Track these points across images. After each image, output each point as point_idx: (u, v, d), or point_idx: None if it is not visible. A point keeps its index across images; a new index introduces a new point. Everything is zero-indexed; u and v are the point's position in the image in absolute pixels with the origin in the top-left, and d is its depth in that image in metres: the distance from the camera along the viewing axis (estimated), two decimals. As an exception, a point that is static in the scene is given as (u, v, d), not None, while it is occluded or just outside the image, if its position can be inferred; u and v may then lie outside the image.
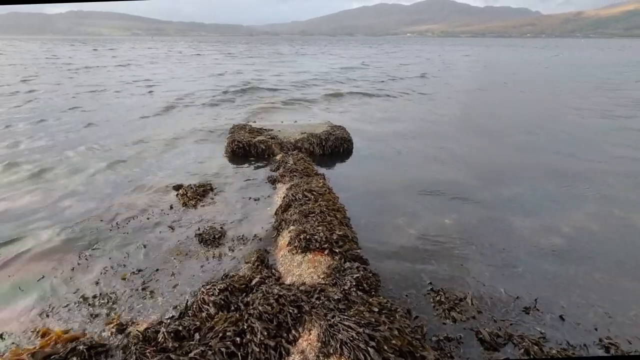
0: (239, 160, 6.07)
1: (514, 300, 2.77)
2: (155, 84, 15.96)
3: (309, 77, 18.98)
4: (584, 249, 3.50)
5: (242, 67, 24.69)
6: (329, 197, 3.97)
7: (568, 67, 27.98)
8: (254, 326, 2.25)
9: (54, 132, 7.80)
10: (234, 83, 16.15)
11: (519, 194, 4.75)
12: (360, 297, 2.46)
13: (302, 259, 3.00)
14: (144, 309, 2.72)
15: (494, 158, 6.39)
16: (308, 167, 5.14)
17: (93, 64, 25.30)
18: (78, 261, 3.33)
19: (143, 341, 2.24)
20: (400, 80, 18.28)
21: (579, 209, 4.34)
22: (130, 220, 4.06)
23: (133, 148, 6.72)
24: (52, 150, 6.56)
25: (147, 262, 3.29)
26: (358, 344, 2.01)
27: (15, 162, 5.88)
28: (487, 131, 8.35)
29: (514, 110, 10.84)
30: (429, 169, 5.76)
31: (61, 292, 2.93)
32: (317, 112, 10.34)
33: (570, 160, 6.17)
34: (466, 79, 19.93)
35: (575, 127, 8.61)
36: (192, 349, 2.13)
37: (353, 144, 6.61)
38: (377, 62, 30.29)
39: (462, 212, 4.23)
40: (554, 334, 2.45)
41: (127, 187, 4.97)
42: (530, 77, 20.68)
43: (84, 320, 2.61)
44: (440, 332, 2.47)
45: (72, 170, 5.59)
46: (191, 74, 20.53)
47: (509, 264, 3.24)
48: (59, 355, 2.15)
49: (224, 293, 2.58)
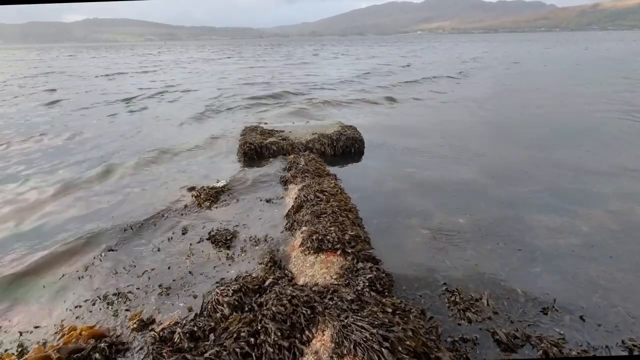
0: (251, 162, 6.11)
1: (531, 301, 2.71)
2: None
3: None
4: (604, 248, 3.39)
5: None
6: (341, 198, 3.96)
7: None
8: (267, 327, 2.26)
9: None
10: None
11: (536, 192, 4.64)
12: (374, 297, 2.45)
13: (315, 260, 3.00)
14: (161, 307, 2.78)
15: (511, 156, 6.26)
16: (319, 168, 5.14)
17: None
18: (96, 260, 3.43)
19: (160, 341, 2.27)
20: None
21: (598, 207, 4.22)
22: (145, 220, 4.13)
23: (149, 153, 6.84)
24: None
25: (161, 262, 3.35)
26: (372, 344, 2.00)
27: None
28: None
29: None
30: (444, 168, 5.69)
31: (81, 290, 3.02)
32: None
33: (590, 156, 6.01)
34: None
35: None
36: (207, 349, 2.16)
37: (364, 144, 6.59)
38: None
39: (476, 211, 4.16)
40: (574, 336, 2.39)
41: (141, 188, 5.07)
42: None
43: (104, 318, 2.69)
44: (455, 333, 2.44)
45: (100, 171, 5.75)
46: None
47: (525, 264, 3.17)
48: (83, 353, 2.22)
49: (238, 294, 2.60)
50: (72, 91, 16.01)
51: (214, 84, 17.63)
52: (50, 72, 26.46)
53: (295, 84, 16.58)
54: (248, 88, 15.83)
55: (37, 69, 28.93)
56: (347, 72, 21.62)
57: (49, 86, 17.55)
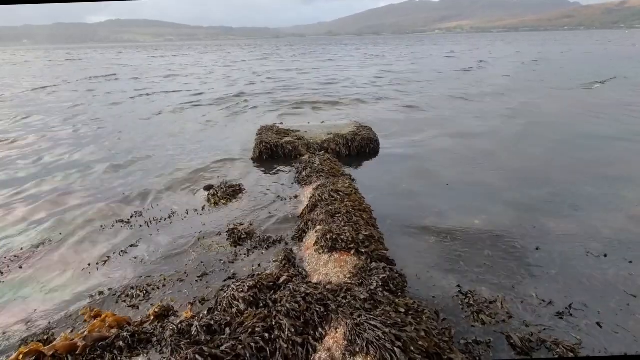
0: (267, 161, 6.19)
1: (546, 305, 2.68)
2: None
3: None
4: (624, 252, 3.31)
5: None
6: (355, 198, 3.99)
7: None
8: (282, 323, 2.31)
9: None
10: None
11: (554, 195, 4.56)
12: (387, 297, 2.47)
13: (329, 259, 3.04)
14: (179, 299, 2.90)
15: (531, 157, 6.15)
16: (334, 168, 5.18)
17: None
18: (117, 253, 3.58)
19: (178, 333, 2.35)
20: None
21: (620, 211, 4.11)
22: (163, 217, 4.26)
23: (169, 148, 7.01)
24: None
25: (179, 258, 3.46)
26: (384, 343, 2.02)
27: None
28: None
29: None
30: (458, 169, 5.63)
31: (103, 280, 3.18)
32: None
33: (613, 159, 5.85)
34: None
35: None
36: (223, 343, 2.22)
37: (379, 144, 6.58)
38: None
39: (492, 213, 4.12)
40: (590, 341, 2.36)
41: (160, 185, 5.22)
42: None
43: (127, 307, 2.84)
44: (468, 335, 2.43)
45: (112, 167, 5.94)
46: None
47: (541, 267, 3.13)
48: (107, 341, 2.33)
49: (253, 290, 2.66)
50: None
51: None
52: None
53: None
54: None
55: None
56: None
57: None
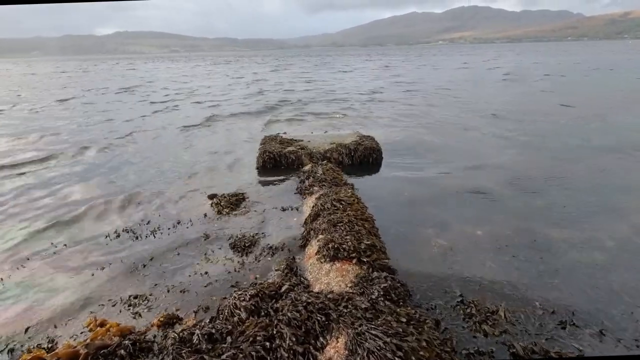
0: (270, 171, 6.24)
1: (549, 314, 2.66)
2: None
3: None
4: (627, 262, 3.30)
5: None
6: (358, 207, 4.00)
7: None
8: (283, 332, 2.31)
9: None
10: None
11: (557, 204, 4.55)
12: (388, 306, 2.47)
13: (330, 268, 3.05)
14: (184, 307, 2.91)
15: (538, 166, 6.15)
16: (337, 177, 5.21)
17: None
18: (122, 261, 3.61)
19: (179, 342, 2.36)
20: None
21: (623, 221, 4.09)
22: (167, 227, 4.29)
23: (168, 160, 7.09)
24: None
25: (184, 267, 3.47)
26: (385, 353, 2.02)
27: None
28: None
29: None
30: (463, 176, 5.64)
31: (107, 292, 3.18)
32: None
33: (613, 169, 5.83)
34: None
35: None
36: (224, 351, 2.23)
37: (382, 154, 6.61)
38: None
39: (495, 223, 4.11)
40: (593, 351, 2.34)
41: (164, 193, 5.27)
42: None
43: (130, 317, 2.85)
44: (470, 346, 2.42)
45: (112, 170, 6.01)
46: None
47: (544, 276, 3.12)
48: (109, 349, 2.34)
49: (255, 299, 2.67)
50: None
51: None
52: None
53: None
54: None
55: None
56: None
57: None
